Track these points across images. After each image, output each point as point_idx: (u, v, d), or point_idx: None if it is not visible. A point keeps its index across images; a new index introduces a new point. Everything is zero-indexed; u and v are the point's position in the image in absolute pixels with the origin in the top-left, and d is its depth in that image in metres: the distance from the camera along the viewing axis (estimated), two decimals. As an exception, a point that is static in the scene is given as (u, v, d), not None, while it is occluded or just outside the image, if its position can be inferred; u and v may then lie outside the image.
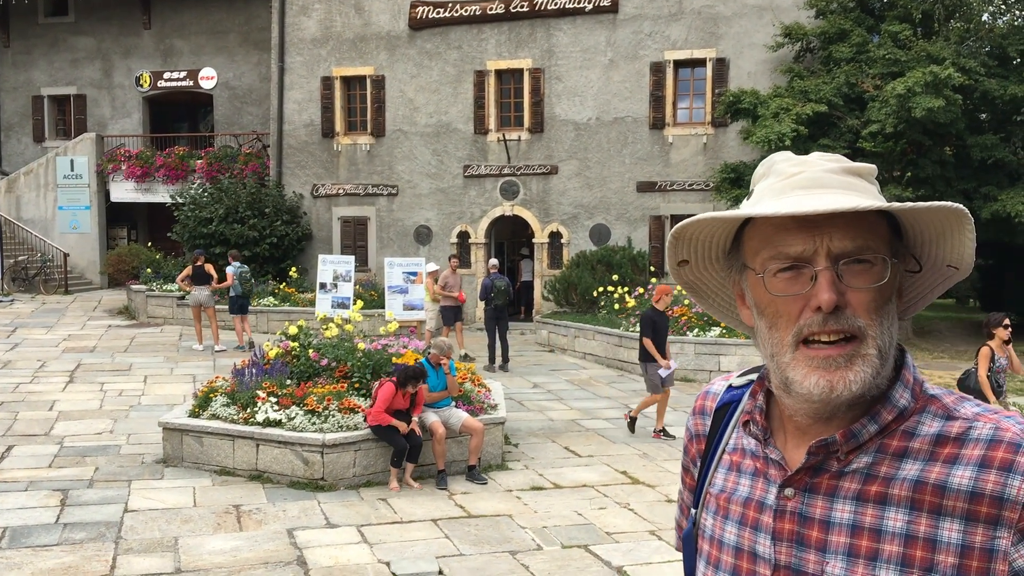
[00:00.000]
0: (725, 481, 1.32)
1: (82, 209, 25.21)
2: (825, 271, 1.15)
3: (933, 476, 1.14)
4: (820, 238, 1.15)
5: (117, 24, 26.53)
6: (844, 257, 1.15)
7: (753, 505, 1.25)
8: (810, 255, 1.16)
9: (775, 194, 1.20)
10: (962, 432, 1.16)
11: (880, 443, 1.18)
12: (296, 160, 22.26)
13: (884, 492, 1.15)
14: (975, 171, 16.02)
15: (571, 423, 11.35)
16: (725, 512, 1.30)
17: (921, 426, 1.18)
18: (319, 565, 6.52)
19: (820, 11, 17.61)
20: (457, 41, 20.93)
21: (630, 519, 7.69)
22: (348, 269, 17.56)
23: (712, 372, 14.31)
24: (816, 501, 1.19)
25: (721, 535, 1.29)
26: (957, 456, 1.14)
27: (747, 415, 1.30)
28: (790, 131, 15.07)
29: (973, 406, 1.20)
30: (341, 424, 8.55)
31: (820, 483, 1.20)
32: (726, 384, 1.42)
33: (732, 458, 1.33)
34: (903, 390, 1.21)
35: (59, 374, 13.82)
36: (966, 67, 15.09)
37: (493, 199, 20.88)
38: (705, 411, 1.43)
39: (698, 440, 1.42)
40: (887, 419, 1.19)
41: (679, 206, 19.72)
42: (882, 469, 1.17)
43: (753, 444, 1.29)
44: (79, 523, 7.29)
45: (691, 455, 1.44)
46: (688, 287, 1.38)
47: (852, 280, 1.15)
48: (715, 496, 1.33)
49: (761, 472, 1.26)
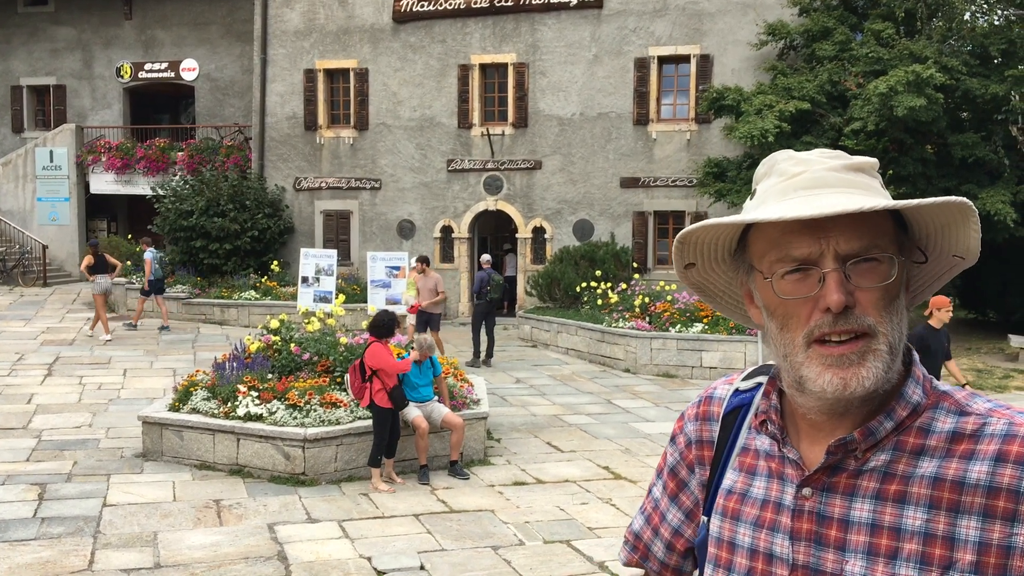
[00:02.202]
0: (734, 484, 1.31)
1: (61, 201, 24.97)
2: (833, 272, 1.15)
3: (951, 473, 1.14)
4: (826, 240, 1.15)
5: (98, 14, 26.27)
6: (852, 257, 1.15)
7: (770, 507, 1.25)
8: (817, 257, 1.16)
9: (778, 195, 1.20)
10: (977, 428, 1.16)
11: (896, 440, 1.19)
12: (278, 153, 22.13)
13: (903, 490, 1.16)
14: (956, 169, 16.11)
15: (553, 418, 11.35)
16: (736, 514, 1.28)
17: (935, 422, 1.19)
18: (300, 560, 6.49)
19: (804, 9, 17.66)
20: (441, 35, 20.86)
21: (612, 514, 7.69)
22: (330, 263, 17.49)
23: (694, 368, 14.35)
24: (834, 500, 1.19)
25: (732, 537, 1.28)
26: (973, 452, 1.14)
27: (763, 415, 1.30)
28: (773, 128, 15.13)
29: (984, 402, 1.20)
30: (323, 419, 8.51)
31: (838, 482, 1.20)
32: (731, 388, 1.40)
33: (744, 460, 1.32)
34: (915, 386, 1.21)
35: (37, 367, 13.68)
36: (948, 66, 15.17)
37: (477, 194, 20.84)
38: (711, 416, 1.39)
39: (701, 446, 1.40)
40: (902, 415, 1.19)
41: (663, 202, 19.75)
42: (900, 467, 1.17)
43: (767, 444, 1.29)
44: (57, 517, 7.22)
45: (688, 461, 1.42)
46: (695, 288, 1.38)
47: (860, 280, 1.15)
48: (724, 499, 1.31)
49: (776, 473, 1.26)
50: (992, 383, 13.66)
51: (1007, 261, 17.37)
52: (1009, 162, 15.95)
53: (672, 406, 12.23)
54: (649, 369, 14.58)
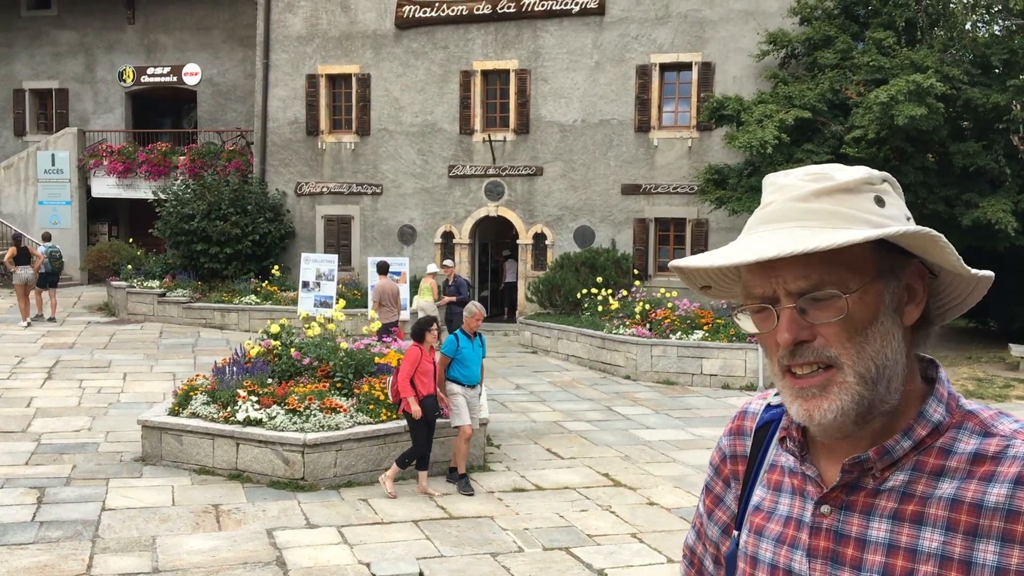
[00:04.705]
0: (763, 500, 1.31)
1: (63, 204, 24.99)
2: (785, 310, 1.15)
3: (969, 495, 1.12)
4: (776, 279, 1.15)
5: (101, 18, 26.33)
6: (802, 294, 1.14)
7: (792, 523, 1.25)
8: (770, 295, 1.17)
9: (748, 228, 1.21)
10: (1000, 450, 1.13)
11: (916, 460, 1.17)
12: (280, 158, 22.16)
13: (920, 511, 1.14)
14: (957, 178, 16.12)
15: (553, 425, 11.34)
16: (761, 530, 1.28)
17: (958, 443, 1.16)
18: (299, 566, 6.48)
19: (805, 18, 17.69)
20: (443, 41, 20.89)
21: (612, 521, 7.68)
22: (331, 268, 17.49)
23: (694, 375, 14.34)
24: (852, 519, 1.18)
25: (756, 552, 1.28)
26: (993, 474, 1.12)
27: (784, 431, 1.29)
28: (772, 138, 15.15)
29: (1011, 422, 1.17)
30: (322, 424, 8.50)
31: (856, 500, 1.19)
32: (764, 403, 1.39)
33: (771, 476, 1.32)
34: (937, 404, 1.19)
35: (37, 370, 13.68)
36: (949, 75, 15.19)
37: (478, 199, 20.85)
38: (744, 431, 1.39)
39: (735, 461, 1.40)
40: (921, 434, 1.17)
41: (664, 209, 19.76)
42: (919, 487, 1.15)
43: (791, 461, 1.28)
44: (56, 521, 7.21)
45: (723, 475, 1.41)
46: (721, 299, 1.39)
47: (816, 315, 1.14)
48: (750, 514, 1.32)
49: (799, 489, 1.26)
50: (992, 392, 13.65)
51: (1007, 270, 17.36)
52: (1010, 171, 15.95)
53: (672, 413, 12.22)
54: (649, 376, 14.57)
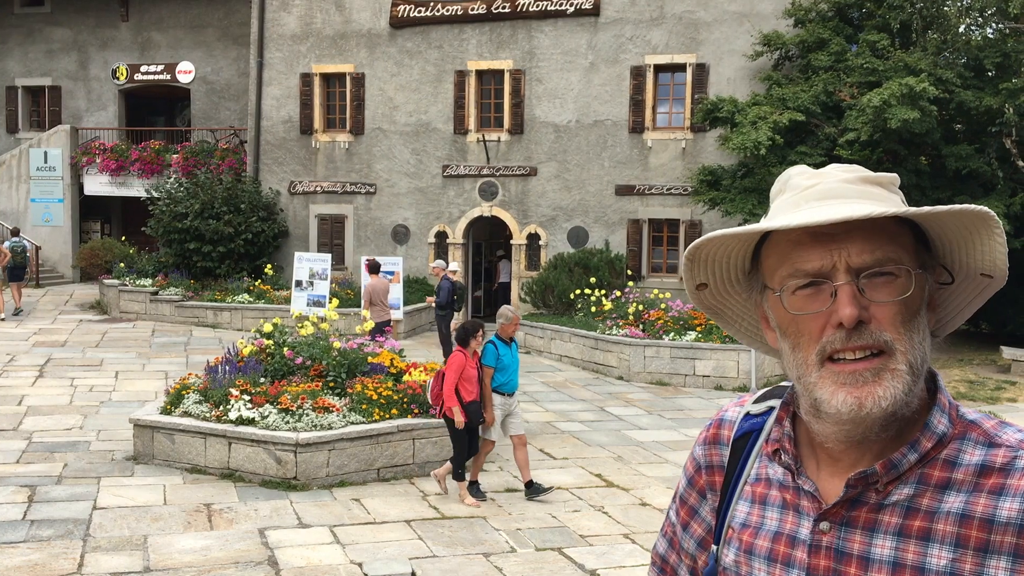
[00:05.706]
0: (749, 515, 1.25)
1: (55, 202, 24.91)
2: (845, 286, 1.09)
3: (979, 509, 1.08)
4: (838, 252, 1.10)
5: (94, 16, 26.24)
6: (865, 270, 1.10)
7: (784, 540, 1.18)
8: (828, 270, 1.11)
9: (790, 208, 1.15)
10: (1008, 461, 1.10)
11: (920, 473, 1.12)
12: (273, 156, 22.12)
13: (927, 527, 1.09)
14: (950, 181, 16.17)
15: (546, 425, 11.34)
16: (750, 547, 1.22)
17: (963, 455, 1.12)
18: (291, 565, 6.47)
19: (799, 20, 17.73)
20: (438, 41, 20.88)
21: (604, 522, 7.69)
22: (324, 267, 17.47)
23: (687, 376, 14.36)
24: (854, 536, 1.13)
25: (748, 572, 1.22)
26: (1003, 487, 1.08)
27: (775, 443, 1.23)
28: (766, 140, 15.18)
29: (1015, 432, 1.14)
30: (315, 423, 8.49)
31: (858, 516, 1.13)
32: (742, 411, 1.33)
33: (755, 489, 1.25)
34: (940, 415, 1.15)
35: (29, 369, 13.63)
36: (942, 78, 15.24)
37: (472, 199, 20.84)
38: (721, 440, 1.33)
39: (711, 472, 1.33)
40: (927, 447, 1.12)
41: (657, 210, 19.78)
42: (924, 502, 1.11)
43: (781, 474, 1.22)
44: (47, 520, 7.18)
45: (698, 486, 1.35)
46: (710, 311, 1.32)
47: (875, 294, 1.10)
48: (737, 531, 1.25)
49: (791, 504, 1.19)
50: (984, 394, 13.70)
51: (1000, 273, 17.41)
52: (1003, 174, 16.01)
53: (665, 414, 12.23)
54: (642, 377, 14.59)
